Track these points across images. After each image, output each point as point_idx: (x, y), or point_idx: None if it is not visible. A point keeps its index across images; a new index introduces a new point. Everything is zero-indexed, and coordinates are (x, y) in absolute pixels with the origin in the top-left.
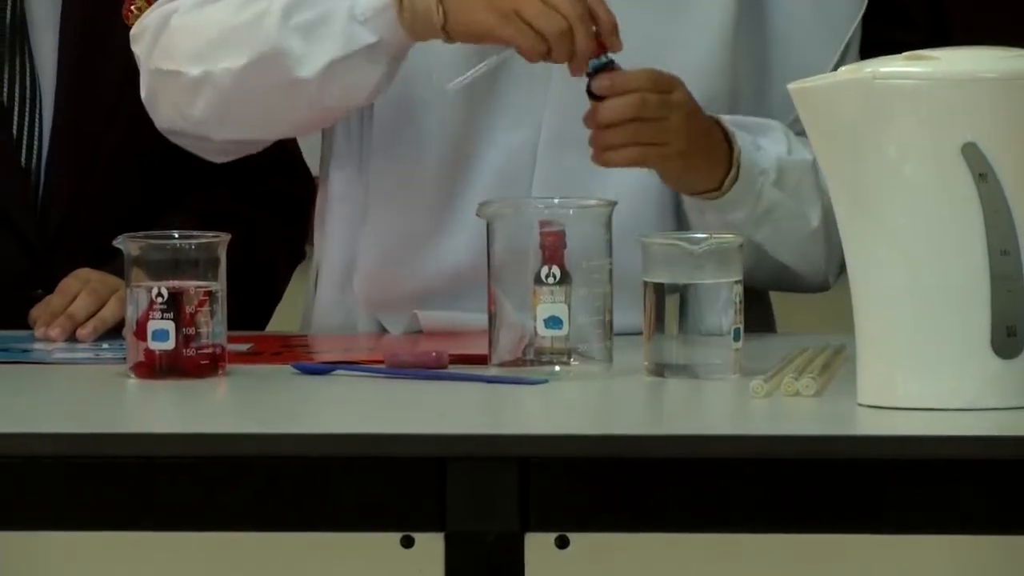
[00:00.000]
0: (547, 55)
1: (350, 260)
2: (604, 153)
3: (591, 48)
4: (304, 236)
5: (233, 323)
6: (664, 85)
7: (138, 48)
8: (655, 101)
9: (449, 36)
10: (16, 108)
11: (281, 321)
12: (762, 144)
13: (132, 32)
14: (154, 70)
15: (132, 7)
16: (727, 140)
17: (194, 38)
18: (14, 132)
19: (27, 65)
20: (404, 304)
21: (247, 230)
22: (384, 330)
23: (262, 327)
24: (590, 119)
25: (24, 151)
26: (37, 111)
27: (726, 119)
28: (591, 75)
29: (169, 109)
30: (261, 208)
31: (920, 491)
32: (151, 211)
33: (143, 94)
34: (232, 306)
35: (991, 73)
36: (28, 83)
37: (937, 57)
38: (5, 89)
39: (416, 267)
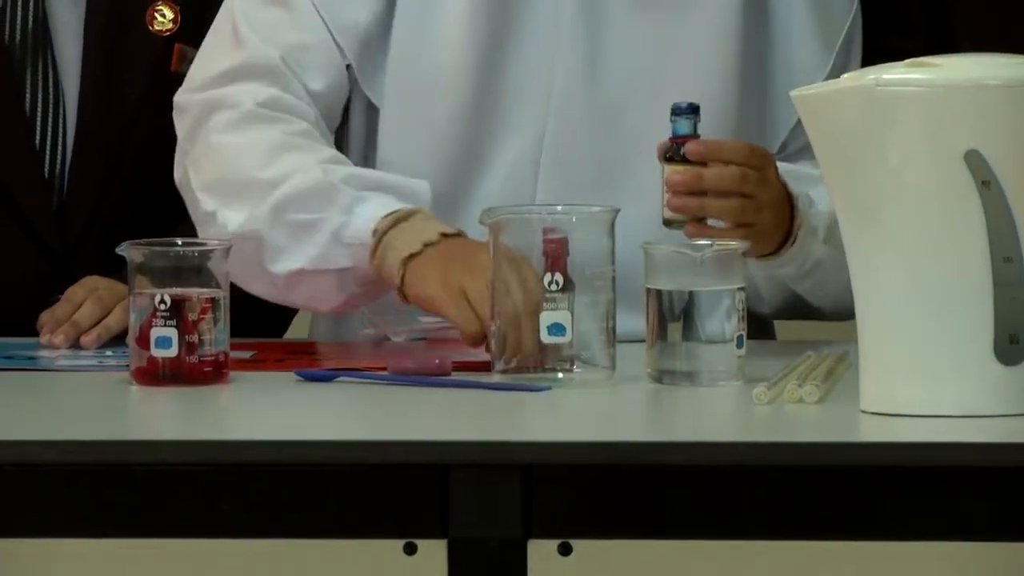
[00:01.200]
0: (485, 339)
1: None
2: (705, 228)
3: (535, 348)
4: None
5: (251, 330)
6: (758, 161)
7: (178, 127)
8: (754, 178)
9: (404, 298)
10: (39, 116)
11: (301, 327)
12: (814, 198)
13: (176, 100)
14: (185, 171)
15: (155, 13)
16: (789, 205)
17: (218, 171)
18: (37, 142)
19: (49, 71)
20: (409, 312)
21: None
22: (387, 338)
23: (281, 333)
24: (677, 184)
25: (47, 160)
26: (60, 118)
27: (787, 174)
28: (674, 139)
29: (188, 206)
30: None
31: (922, 498)
32: (171, 219)
33: (176, 178)
34: (250, 312)
35: (994, 80)
36: (51, 90)
37: (939, 64)
38: (28, 96)
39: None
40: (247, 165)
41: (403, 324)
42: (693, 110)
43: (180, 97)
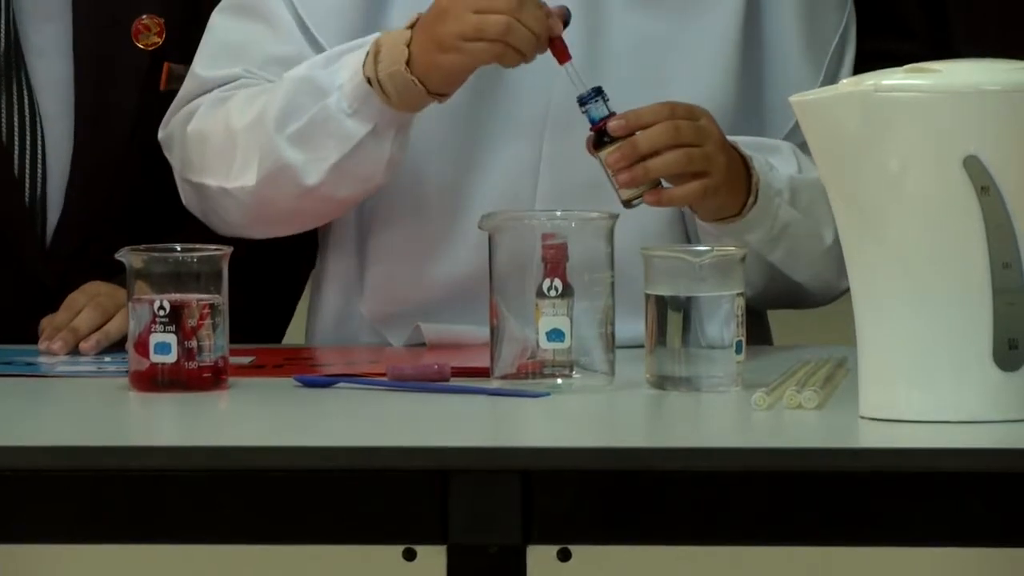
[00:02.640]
0: (513, 54)
1: (354, 273)
2: (662, 193)
3: (543, 24)
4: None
5: (252, 334)
6: (684, 112)
7: (170, 157)
8: (688, 127)
9: (439, 95)
10: (16, 142)
11: (288, 334)
12: (774, 163)
13: (160, 137)
14: (185, 180)
15: (140, 26)
16: (744, 164)
17: (206, 148)
18: (16, 168)
19: (25, 93)
20: (408, 317)
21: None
22: (388, 343)
23: (279, 338)
24: (617, 160)
25: (27, 186)
26: (39, 142)
27: (738, 140)
28: (594, 126)
29: (212, 216)
30: None
31: (921, 503)
32: (164, 237)
33: (185, 204)
34: (252, 317)
35: (993, 85)
36: (28, 112)
37: (938, 69)
38: (3, 122)
39: (420, 280)
40: (223, 132)
41: (404, 330)
42: (598, 92)
43: (161, 134)
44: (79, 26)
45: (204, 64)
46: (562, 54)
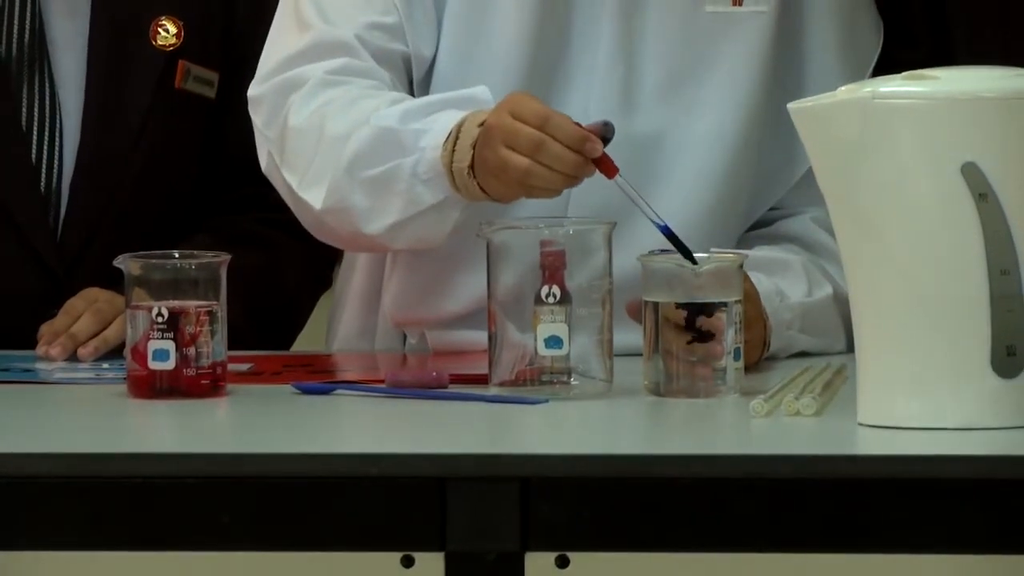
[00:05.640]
0: (540, 192)
1: (376, 285)
2: None
3: (567, 161)
4: (331, 262)
5: (254, 346)
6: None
7: (256, 118)
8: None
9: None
10: (35, 131)
11: (305, 342)
12: (784, 289)
13: (249, 95)
14: (269, 156)
15: (158, 27)
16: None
17: (299, 153)
18: (33, 157)
19: (46, 85)
20: (434, 326)
21: (272, 254)
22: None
23: (288, 346)
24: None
25: (44, 175)
26: (57, 133)
27: (751, 256)
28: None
29: (280, 189)
30: (286, 233)
31: (919, 510)
32: (173, 235)
33: (262, 166)
34: (254, 329)
35: (991, 92)
36: (48, 104)
37: (937, 76)
38: (24, 111)
39: (448, 290)
40: (315, 135)
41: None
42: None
43: (252, 91)
44: (96, 23)
45: (291, 33)
46: (608, 170)
